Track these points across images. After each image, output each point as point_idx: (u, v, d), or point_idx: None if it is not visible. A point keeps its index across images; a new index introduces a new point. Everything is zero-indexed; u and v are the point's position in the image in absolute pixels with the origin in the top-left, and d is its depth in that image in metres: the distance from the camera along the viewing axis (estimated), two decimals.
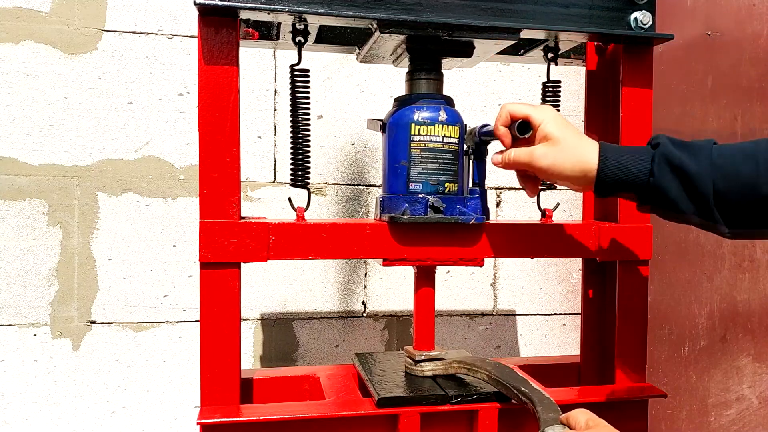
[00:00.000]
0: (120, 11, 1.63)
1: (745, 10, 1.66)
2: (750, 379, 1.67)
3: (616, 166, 0.89)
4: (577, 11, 1.07)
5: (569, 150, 0.91)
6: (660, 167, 0.86)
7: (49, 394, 1.61)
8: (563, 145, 0.92)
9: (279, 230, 1.03)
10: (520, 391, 0.97)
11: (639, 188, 0.88)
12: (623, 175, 0.88)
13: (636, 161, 0.88)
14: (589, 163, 0.90)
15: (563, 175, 0.92)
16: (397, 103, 1.12)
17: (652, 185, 0.86)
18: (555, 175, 0.92)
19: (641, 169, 0.87)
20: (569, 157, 0.91)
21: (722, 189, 0.82)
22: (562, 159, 0.91)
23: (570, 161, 0.91)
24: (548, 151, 0.92)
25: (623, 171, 0.88)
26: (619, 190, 0.90)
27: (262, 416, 0.98)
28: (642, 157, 0.88)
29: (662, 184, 0.86)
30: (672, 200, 0.86)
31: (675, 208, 0.86)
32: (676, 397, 1.76)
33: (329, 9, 0.98)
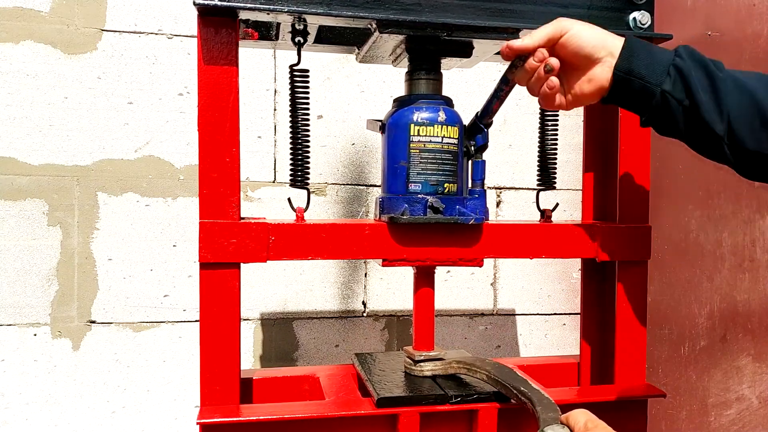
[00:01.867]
0: (120, 11, 1.63)
1: (745, 10, 1.66)
2: (750, 379, 1.67)
3: (641, 46, 0.88)
4: (575, 11, 1.07)
5: (597, 28, 0.91)
6: (687, 53, 0.86)
7: (49, 394, 1.61)
8: (591, 25, 0.92)
9: (279, 231, 1.03)
10: (520, 391, 0.97)
11: (658, 73, 0.86)
12: (646, 57, 0.87)
13: (659, 50, 0.88)
14: (614, 40, 0.90)
15: (587, 47, 0.90)
16: (396, 104, 1.12)
17: (677, 67, 0.85)
18: (580, 33, 0.90)
19: (664, 56, 0.87)
20: (596, 30, 0.90)
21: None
22: (589, 28, 0.90)
23: (596, 32, 0.90)
24: (576, 21, 0.92)
25: (646, 51, 0.88)
26: (638, 74, 0.88)
27: (262, 416, 0.98)
28: (665, 51, 0.88)
29: (685, 69, 0.85)
30: (691, 87, 0.84)
31: (691, 95, 0.84)
32: (676, 397, 1.76)
33: (328, 9, 0.98)
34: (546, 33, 0.92)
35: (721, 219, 1.68)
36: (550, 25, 0.92)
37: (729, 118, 0.83)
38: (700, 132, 0.86)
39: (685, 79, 0.85)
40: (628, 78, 0.88)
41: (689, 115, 0.86)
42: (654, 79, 0.87)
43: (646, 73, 0.87)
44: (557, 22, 0.92)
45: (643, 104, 0.89)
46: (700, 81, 0.85)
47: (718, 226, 1.68)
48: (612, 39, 0.91)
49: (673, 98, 0.86)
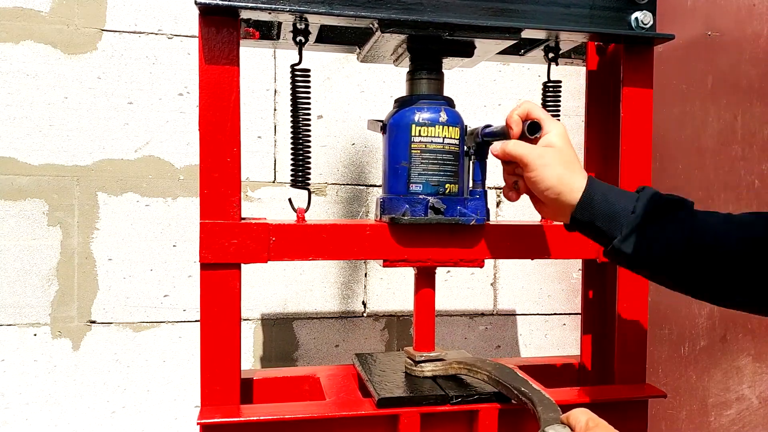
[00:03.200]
0: (120, 11, 1.63)
1: (745, 10, 1.66)
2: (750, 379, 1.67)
3: (602, 197, 0.91)
4: (577, 11, 1.07)
5: (565, 162, 0.93)
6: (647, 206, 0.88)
7: (49, 394, 1.61)
8: (561, 157, 0.93)
9: (279, 231, 1.03)
10: (520, 391, 0.97)
11: (615, 223, 0.89)
12: (605, 207, 0.90)
13: (622, 197, 0.90)
14: (576, 183, 0.92)
15: (546, 183, 0.92)
16: (397, 104, 1.12)
17: (635, 222, 0.88)
18: (540, 180, 0.93)
19: (624, 207, 0.89)
20: (560, 169, 0.92)
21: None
22: (553, 166, 0.92)
23: (557, 173, 0.92)
24: (546, 153, 0.93)
25: (607, 203, 0.90)
26: (595, 219, 0.91)
27: (262, 416, 0.98)
28: (628, 196, 0.91)
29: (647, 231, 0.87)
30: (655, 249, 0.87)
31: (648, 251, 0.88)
32: (676, 397, 1.76)
33: (330, 8, 0.98)
34: (514, 155, 0.96)
35: None
36: (522, 154, 0.94)
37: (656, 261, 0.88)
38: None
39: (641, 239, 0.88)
40: (585, 227, 0.93)
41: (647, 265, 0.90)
42: (609, 232, 0.90)
43: (602, 226, 0.90)
44: (527, 155, 0.94)
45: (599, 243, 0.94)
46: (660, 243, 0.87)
47: None
48: (574, 178, 0.92)
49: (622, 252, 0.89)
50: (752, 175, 1.72)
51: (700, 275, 0.85)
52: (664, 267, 0.87)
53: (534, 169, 0.93)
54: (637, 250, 0.87)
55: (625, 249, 0.88)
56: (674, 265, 0.86)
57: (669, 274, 0.88)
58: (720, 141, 1.73)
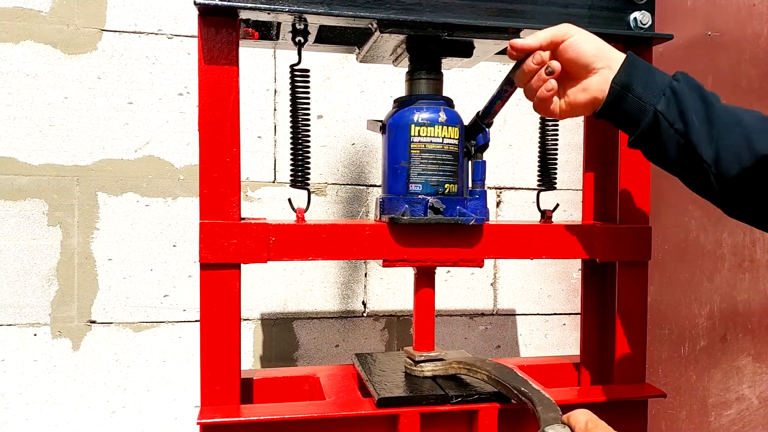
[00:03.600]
0: (120, 11, 1.63)
1: (745, 10, 1.66)
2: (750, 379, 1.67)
3: (642, 64, 0.88)
4: (576, 11, 1.07)
5: (599, 39, 0.91)
6: (685, 78, 0.86)
7: (49, 394, 1.61)
8: (595, 36, 0.92)
9: (279, 231, 1.03)
10: (520, 391, 0.97)
11: (655, 92, 0.85)
12: (644, 75, 0.86)
13: (659, 72, 0.88)
14: (614, 53, 0.89)
15: (587, 55, 0.89)
16: (396, 104, 1.12)
17: (673, 89, 0.84)
18: (583, 42, 0.90)
19: (663, 77, 0.86)
20: (598, 41, 0.90)
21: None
22: (592, 37, 0.90)
23: (598, 42, 0.90)
24: (580, 30, 0.91)
25: (646, 70, 0.87)
26: (634, 90, 0.87)
27: (262, 416, 0.98)
28: (664, 74, 0.88)
29: (680, 91, 0.84)
30: (684, 111, 0.83)
31: (684, 118, 0.83)
32: (676, 397, 1.76)
33: (329, 9, 0.98)
34: (549, 35, 0.92)
35: (721, 219, 1.68)
36: (554, 28, 0.92)
37: (718, 147, 0.81)
38: (687, 158, 0.84)
39: (679, 101, 0.84)
40: (624, 93, 0.88)
41: (679, 139, 0.84)
42: (650, 98, 0.86)
43: (642, 91, 0.86)
44: (562, 26, 0.92)
45: (634, 123, 0.88)
46: (695, 106, 0.84)
47: (718, 226, 1.68)
48: (612, 52, 0.90)
49: (666, 119, 0.84)
50: None
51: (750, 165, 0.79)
52: (710, 143, 0.81)
53: (573, 34, 0.90)
54: (682, 117, 0.82)
55: (670, 116, 0.83)
56: (719, 140, 0.80)
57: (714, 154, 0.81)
58: None
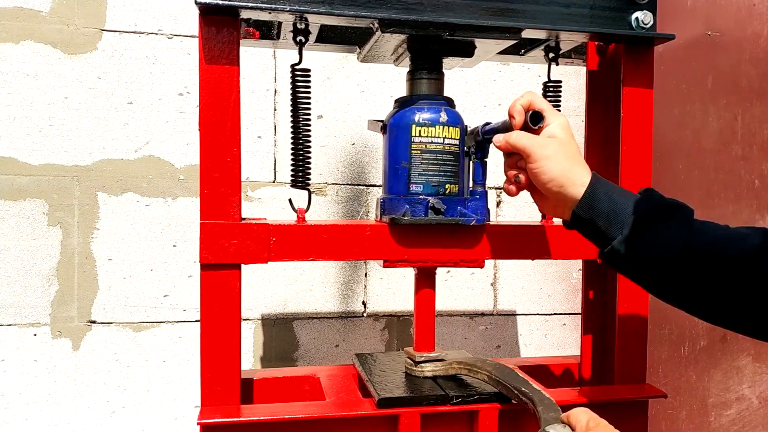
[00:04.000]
0: (120, 11, 1.62)
1: (745, 10, 1.66)
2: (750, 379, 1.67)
3: (605, 195, 0.89)
4: (578, 11, 1.07)
5: (568, 155, 0.91)
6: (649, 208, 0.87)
7: (49, 394, 1.61)
8: (565, 149, 0.92)
9: (279, 231, 1.03)
10: (521, 391, 0.97)
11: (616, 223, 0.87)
12: (607, 206, 0.88)
13: (625, 197, 0.88)
14: (579, 178, 0.90)
15: (550, 175, 0.90)
16: (397, 104, 1.12)
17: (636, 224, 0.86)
18: (544, 172, 0.91)
19: (626, 208, 0.87)
20: (563, 162, 0.90)
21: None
22: (557, 158, 0.90)
23: (561, 166, 0.90)
24: (550, 145, 0.92)
25: (610, 201, 0.88)
26: (596, 217, 0.89)
27: (262, 416, 0.98)
28: (630, 197, 0.88)
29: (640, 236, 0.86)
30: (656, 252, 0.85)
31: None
32: (676, 397, 1.76)
33: (330, 8, 0.98)
34: (516, 146, 0.94)
35: (721, 219, 1.68)
36: (525, 145, 0.93)
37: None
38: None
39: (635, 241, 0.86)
40: (586, 224, 0.90)
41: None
42: (610, 232, 0.87)
43: (603, 225, 0.88)
44: (531, 146, 0.92)
45: (598, 242, 0.91)
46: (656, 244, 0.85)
47: None
48: (574, 175, 0.90)
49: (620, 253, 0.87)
50: (752, 175, 1.72)
51: (697, 285, 0.83)
52: (661, 273, 0.85)
53: (537, 160, 0.91)
54: (635, 252, 0.85)
55: (623, 250, 0.85)
56: (671, 272, 0.84)
57: (665, 281, 0.86)
58: (720, 141, 1.73)
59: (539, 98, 0.97)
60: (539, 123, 0.95)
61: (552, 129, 0.94)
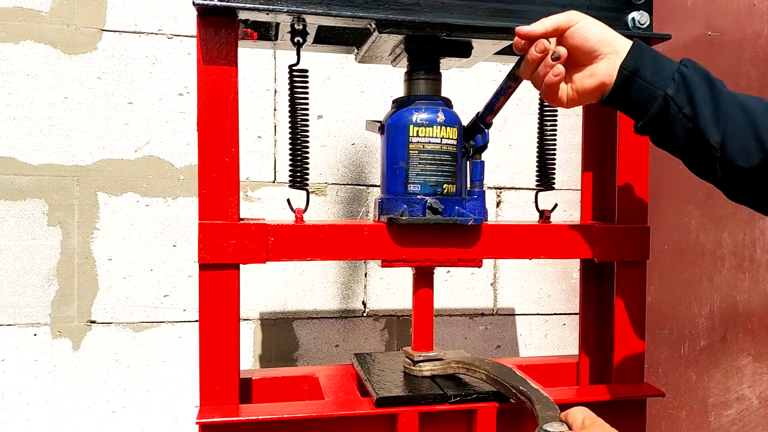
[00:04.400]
0: (120, 11, 1.63)
1: (745, 10, 1.66)
2: (750, 379, 1.67)
3: (649, 50, 0.88)
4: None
5: (605, 26, 0.91)
6: (692, 64, 0.86)
7: (49, 394, 1.61)
8: (600, 22, 0.92)
9: (278, 232, 1.03)
10: (519, 390, 0.98)
11: (664, 77, 0.86)
12: (653, 60, 0.87)
13: (666, 57, 0.88)
14: (621, 39, 0.89)
15: (593, 40, 0.89)
16: (395, 105, 1.12)
17: (682, 74, 0.85)
18: (588, 27, 0.90)
19: (671, 63, 0.87)
20: (604, 27, 0.90)
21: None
22: (598, 23, 0.90)
23: (604, 28, 0.90)
24: (586, 16, 0.91)
25: (654, 55, 0.88)
26: (644, 75, 0.87)
27: (261, 416, 0.98)
28: (671, 60, 0.88)
29: (689, 77, 0.85)
30: (694, 95, 0.84)
31: (693, 103, 0.84)
32: (676, 397, 1.76)
33: (328, 9, 0.98)
34: (555, 21, 0.92)
35: (721, 219, 1.68)
36: (559, 15, 0.92)
37: (725, 132, 0.83)
38: (695, 143, 0.86)
39: (688, 86, 0.85)
40: (633, 78, 0.88)
41: (687, 124, 0.85)
42: (659, 82, 0.86)
43: (651, 76, 0.87)
44: (568, 13, 0.92)
45: (643, 107, 0.88)
46: (703, 92, 0.84)
47: (718, 226, 1.68)
48: (618, 38, 0.90)
49: (675, 104, 0.85)
50: None
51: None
52: (717, 130, 0.82)
53: (580, 20, 0.90)
54: (691, 102, 0.83)
55: (679, 101, 0.84)
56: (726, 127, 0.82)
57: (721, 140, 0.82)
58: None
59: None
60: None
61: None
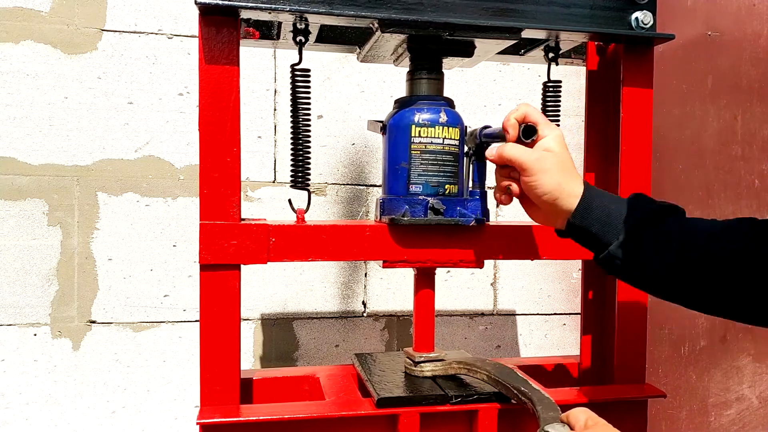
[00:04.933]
0: (120, 11, 1.62)
1: (745, 10, 1.66)
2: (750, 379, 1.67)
3: (599, 202, 0.90)
4: (578, 11, 1.07)
5: (563, 168, 0.91)
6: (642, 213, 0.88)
7: (49, 394, 1.61)
8: (560, 162, 0.92)
9: (279, 232, 1.03)
10: (520, 390, 0.97)
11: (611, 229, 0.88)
12: (602, 213, 0.89)
13: (617, 204, 0.90)
14: (574, 189, 0.90)
15: (545, 188, 0.91)
16: (397, 105, 1.12)
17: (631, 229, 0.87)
18: (539, 185, 0.91)
19: (619, 214, 0.89)
20: (558, 175, 0.91)
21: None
22: (552, 172, 0.91)
23: (556, 179, 0.90)
24: (545, 158, 0.92)
25: (604, 208, 0.89)
26: (591, 225, 0.90)
27: (262, 416, 0.98)
28: (622, 202, 0.90)
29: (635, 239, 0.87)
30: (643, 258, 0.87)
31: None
32: (676, 397, 1.76)
33: (330, 8, 0.98)
34: (510, 159, 0.93)
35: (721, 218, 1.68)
36: (521, 159, 0.92)
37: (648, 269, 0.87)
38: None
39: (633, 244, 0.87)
40: (581, 232, 0.91)
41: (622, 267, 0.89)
42: (606, 237, 0.89)
43: (599, 231, 0.89)
44: (527, 161, 0.92)
45: (594, 248, 0.92)
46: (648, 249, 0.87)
47: None
48: (569, 186, 0.91)
49: (618, 259, 0.88)
50: (752, 175, 1.72)
51: (694, 282, 0.85)
52: (658, 277, 0.87)
53: (532, 174, 0.91)
54: (631, 255, 0.86)
55: (620, 255, 0.87)
56: (668, 273, 0.86)
57: (663, 282, 0.87)
58: (720, 141, 1.72)
59: (534, 111, 0.96)
60: (532, 137, 0.94)
61: (547, 142, 0.93)
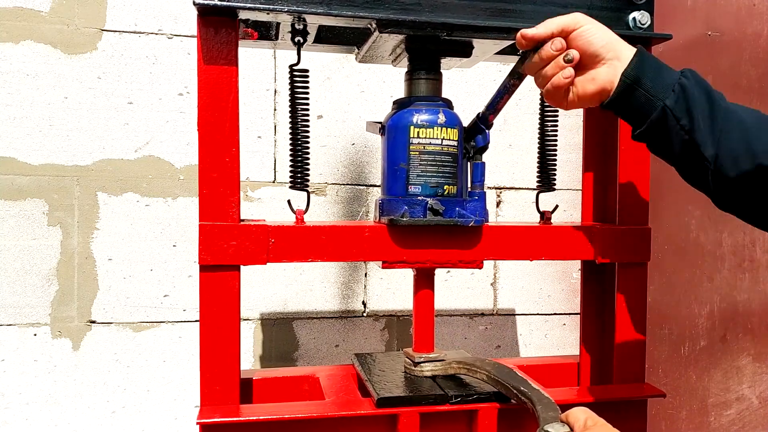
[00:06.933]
0: (120, 11, 1.63)
1: (745, 10, 1.66)
2: (750, 379, 1.67)
3: (651, 59, 0.88)
4: (575, 11, 1.06)
5: (609, 30, 0.91)
6: (693, 76, 0.86)
7: (49, 394, 1.61)
8: (604, 26, 0.91)
9: (278, 233, 1.03)
10: (520, 390, 0.98)
11: (664, 87, 0.86)
12: (654, 70, 0.87)
13: (667, 67, 0.88)
14: (624, 46, 0.89)
15: (596, 44, 0.89)
16: (396, 106, 1.12)
17: (682, 86, 0.85)
18: (596, 31, 0.89)
19: (672, 73, 0.87)
20: (608, 32, 0.90)
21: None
22: (602, 28, 0.90)
23: (608, 33, 0.90)
24: (591, 19, 0.91)
25: (656, 65, 0.88)
26: (644, 85, 0.87)
27: (262, 416, 0.98)
28: (672, 70, 0.88)
29: (689, 89, 0.85)
30: (692, 107, 0.84)
31: (690, 115, 0.84)
32: (676, 397, 1.76)
33: (328, 9, 0.98)
34: (559, 23, 0.91)
35: (721, 219, 1.68)
36: (564, 17, 0.92)
37: (719, 146, 0.84)
38: (689, 153, 0.86)
39: (687, 99, 0.85)
40: (634, 87, 0.88)
41: (684, 135, 0.86)
42: (659, 93, 0.86)
43: (652, 86, 0.87)
44: (572, 15, 0.92)
45: (642, 116, 0.89)
46: (701, 105, 0.85)
47: (718, 226, 1.68)
48: (622, 44, 0.90)
49: (673, 115, 0.86)
50: None
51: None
52: (712, 142, 0.83)
53: (586, 23, 0.90)
54: (689, 114, 0.84)
55: (677, 112, 0.84)
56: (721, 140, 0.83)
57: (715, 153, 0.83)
58: None
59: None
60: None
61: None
